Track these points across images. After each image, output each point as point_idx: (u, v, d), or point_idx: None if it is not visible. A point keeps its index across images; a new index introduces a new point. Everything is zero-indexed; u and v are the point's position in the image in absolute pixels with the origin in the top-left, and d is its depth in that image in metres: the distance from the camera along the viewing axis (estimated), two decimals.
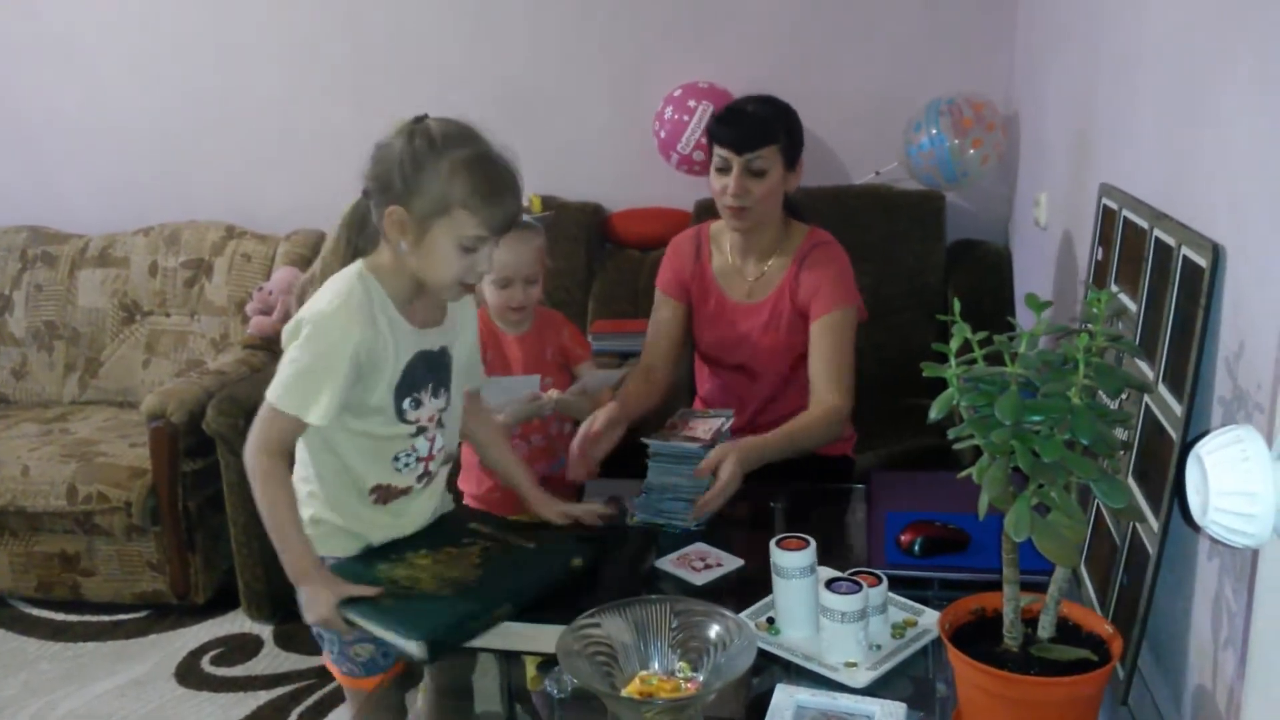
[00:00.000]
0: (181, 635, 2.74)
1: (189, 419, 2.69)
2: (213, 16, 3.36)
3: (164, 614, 2.83)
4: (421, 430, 1.51)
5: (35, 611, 2.90)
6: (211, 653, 2.66)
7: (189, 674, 2.58)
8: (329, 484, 1.51)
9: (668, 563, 1.63)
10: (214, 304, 3.25)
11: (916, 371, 1.28)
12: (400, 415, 1.48)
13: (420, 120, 1.42)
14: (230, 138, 3.44)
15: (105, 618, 2.84)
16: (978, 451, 1.11)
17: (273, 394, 1.40)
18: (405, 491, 1.53)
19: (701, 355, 2.23)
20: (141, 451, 2.77)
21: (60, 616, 2.87)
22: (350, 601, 1.37)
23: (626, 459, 1.99)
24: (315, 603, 1.38)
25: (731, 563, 1.62)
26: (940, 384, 1.15)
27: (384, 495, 1.52)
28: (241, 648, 2.68)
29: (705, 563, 1.62)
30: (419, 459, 1.53)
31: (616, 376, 2.01)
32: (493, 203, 1.40)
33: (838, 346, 2.03)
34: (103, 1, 3.40)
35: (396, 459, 1.51)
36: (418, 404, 1.49)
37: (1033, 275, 2.61)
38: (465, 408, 1.66)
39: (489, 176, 1.40)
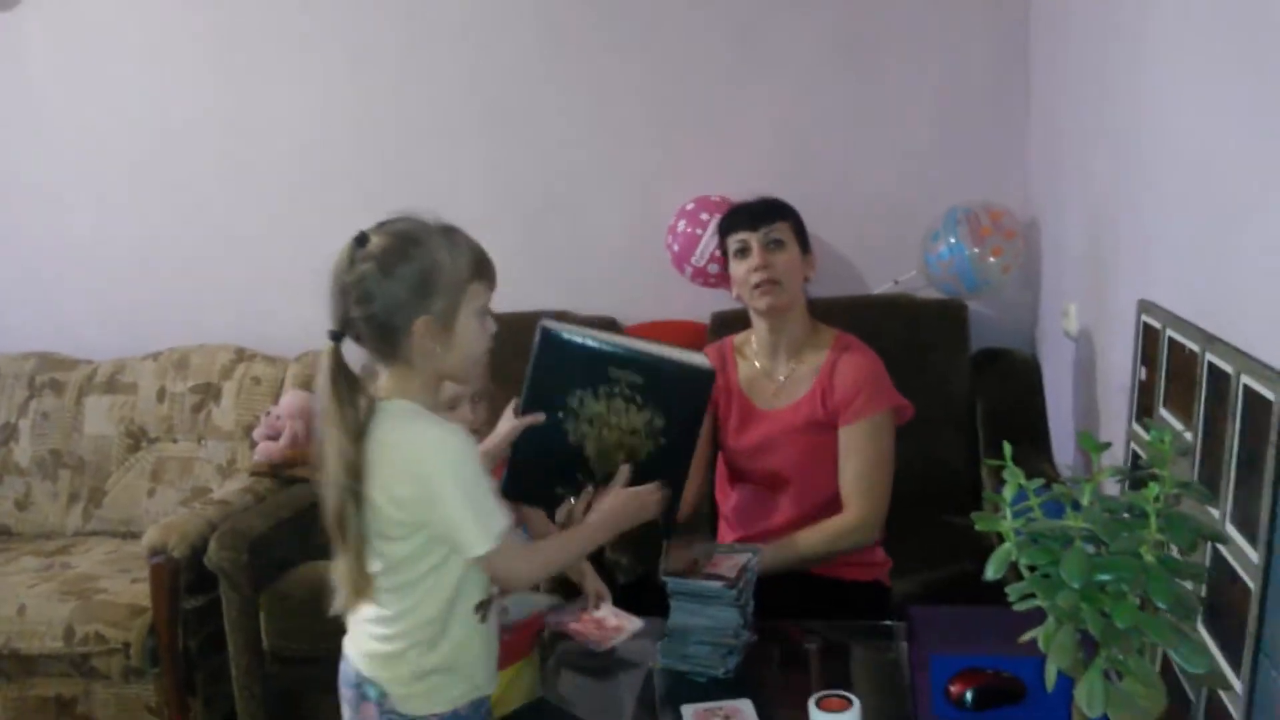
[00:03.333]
0: None
1: (191, 554, 2.58)
2: (219, 138, 3.38)
3: None
4: None
5: None
6: None
7: None
8: (436, 623, 1.41)
9: (688, 714, 1.52)
10: (221, 429, 3.18)
11: (947, 486, 1.19)
12: None
13: (364, 242, 1.38)
14: (239, 259, 3.42)
15: None
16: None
17: (485, 542, 1.35)
18: (490, 599, 1.47)
19: (729, 467, 2.16)
20: (142, 587, 2.66)
21: None
22: None
23: (646, 597, 1.89)
24: (640, 505, 1.52)
25: None
26: (974, 501, 1.07)
27: (484, 611, 1.45)
28: None
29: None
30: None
31: (544, 602, 1.88)
32: (488, 265, 1.43)
33: (874, 455, 2.00)
34: (108, 124, 3.42)
35: None
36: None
37: (1063, 385, 2.52)
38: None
39: (473, 246, 1.43)
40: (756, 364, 2.12)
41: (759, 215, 2.05)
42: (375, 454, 1.34)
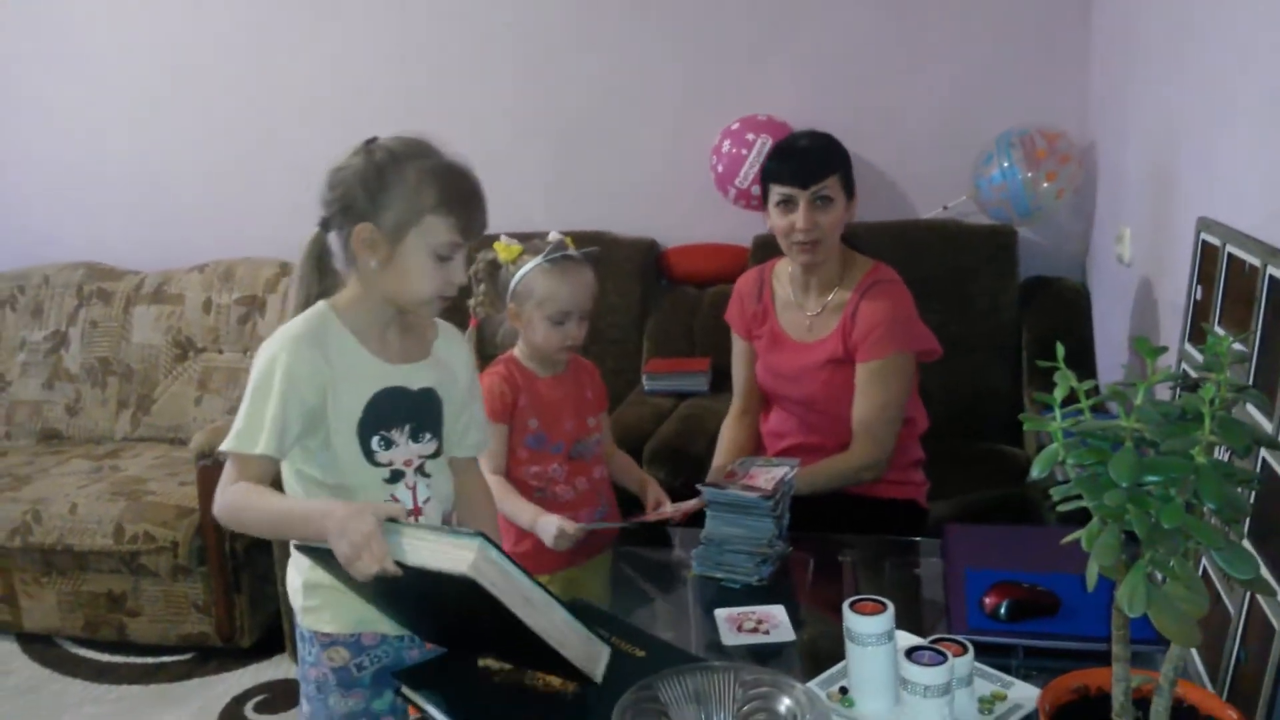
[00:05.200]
0: (225, 680, 2.68)
1: None
2: (263, 54, 3.38)
3: (208, 656, 2.78)
4: (398, 476, 1.40)
5: (81, 652, 2.86)
6: (255, 699, 2.59)
7: None
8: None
9: (721, 617, 1.53)
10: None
11: (989, 414, 1.16)
12: (369, 456, 1.38)
13: (373, 140, 1.38)
14: (283, 174, 3.43)
15: (150, 659, 2.79)
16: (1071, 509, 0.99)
17: (225, 444, 1.32)
18: None
19: (761, 388, 2.17)
20: (190, 490, 2.73)
21: (105, 657, 2.83)
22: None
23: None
24: (348, 528, 1.18)
25: (782, 634, 1.49)
26: (1016, 430, 1.05)
27: None
28: (285, 694, 2.60)
29: (757, 625, 1.51)
30: (405, 511, 1.37)
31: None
32: (463, 207, 1.35)
33: (881, 397, 1.97)
34: (154, 43, 3.44)
35: None
36: (388, 444, 1.39)
37: (1114, 314, 2.47)
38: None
39: (456, 182, 1.36)
40: (790, 294, 2.10)
41: (809, 172, 1.95)
42: None
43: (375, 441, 1.38)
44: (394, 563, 1.17)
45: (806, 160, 1.98)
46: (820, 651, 1.41)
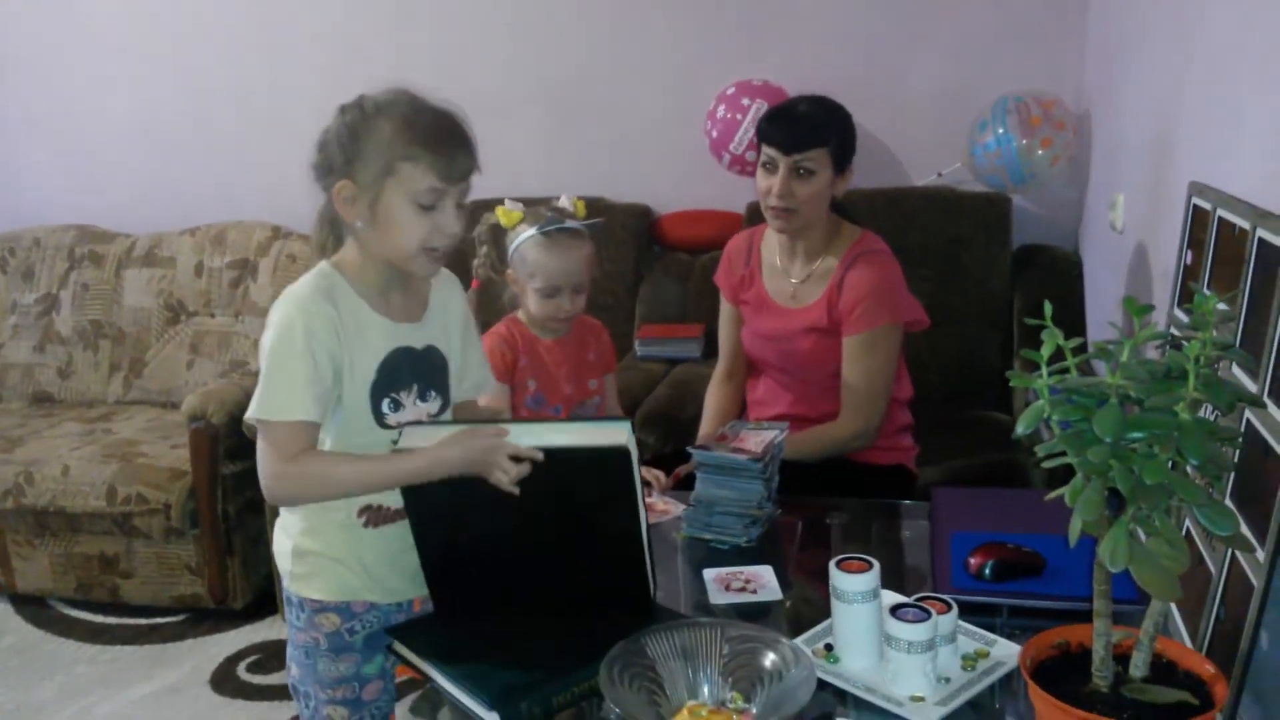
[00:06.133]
0: (218, 641, 2.70)
1: (229, 420, 2.65)
2: (258, 16, 3.35)
3: (201, 618, 2.80)
4: None
5: (74, 613, 2.88)
6: (247, 659, 2.61)
7: (224, 681, 2.53)
8: (312, 509, 1.39)
9: (710, 577, 1.54)
10: (258, 305, 3.21)
11: (979, 382, 1.16)
12: (378, 418, 1.36)
13: (358, 98, 1.35)
14: (276, 138, 3.41)
15: (142, 621, 2.81)
16: (1057, 473, 1.00)
17: (253, 412, 1.30)
18: (401, 514, 1.37)
19: (748, 355, 2.17)
20: (182, 453, 2.73)
21: (98, 618, 2.84)
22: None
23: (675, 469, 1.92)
24: (473, 447, 1.24)
25: (769, 594, 1.50)
26: (1007, 398, 1.05)
27: (374, 518, 1.39)
28: (278, 654, 2.62)
29: (745, 585, 1.53)
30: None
31: None
32: (437, 148, 1.29)
33: (869, 367, 1.98)
34: (148, 6, 3.40)
35: None
36: (397, 406, 1.38)
37: (1106, 281, 2.47)
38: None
39: (428, 125, 1.30)
40: (776, 260, 2.10)
41: (795, 140, 1.92)
42: None
43: (385, 404, 1.37)
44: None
45: (797, 127, 1.95)
46: (806, 611, 1.42)
